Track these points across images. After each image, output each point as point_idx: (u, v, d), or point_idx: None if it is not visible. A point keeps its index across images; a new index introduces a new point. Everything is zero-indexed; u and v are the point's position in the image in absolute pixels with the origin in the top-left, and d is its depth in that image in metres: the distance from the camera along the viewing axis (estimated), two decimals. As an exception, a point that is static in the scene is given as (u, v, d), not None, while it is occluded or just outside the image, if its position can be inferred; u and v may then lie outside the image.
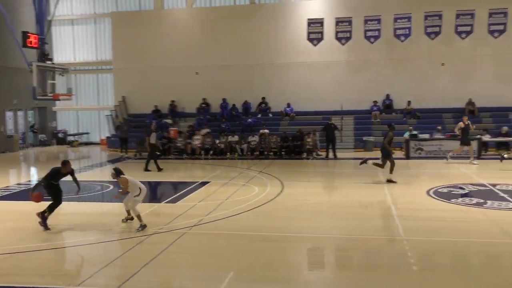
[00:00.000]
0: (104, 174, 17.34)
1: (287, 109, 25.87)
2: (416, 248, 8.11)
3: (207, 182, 14.91)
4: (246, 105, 26.41)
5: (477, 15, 22.60)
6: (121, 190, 9.54)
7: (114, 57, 28.37)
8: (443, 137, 20.57)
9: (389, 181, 14.10)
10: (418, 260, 7.49)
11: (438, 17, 23.03)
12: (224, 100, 26.60)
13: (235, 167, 17.67)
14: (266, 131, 22.73)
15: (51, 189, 9.54)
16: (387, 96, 25.33)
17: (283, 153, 21.60)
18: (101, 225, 9.86)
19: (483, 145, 20.09)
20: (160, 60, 27.19)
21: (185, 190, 13.62)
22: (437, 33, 23.23)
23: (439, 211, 10.62)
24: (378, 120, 24.48)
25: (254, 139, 22.09)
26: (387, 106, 25.26)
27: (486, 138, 20.40)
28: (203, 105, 26.91)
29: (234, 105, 26.33)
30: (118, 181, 9.57)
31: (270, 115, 26.18)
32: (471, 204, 11.06)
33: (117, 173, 9.58)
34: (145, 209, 10.46)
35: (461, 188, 13.07)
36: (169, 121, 25.87)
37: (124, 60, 27.73)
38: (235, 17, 26.82)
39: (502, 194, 12.05)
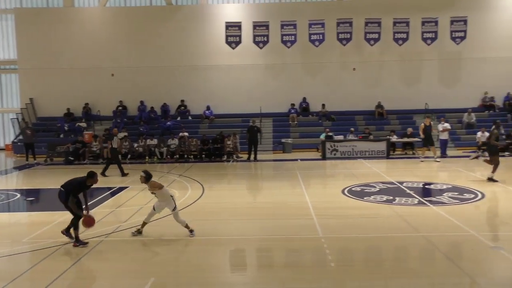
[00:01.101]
0: (9, 182, 16.10)
1: (207, 111, 25.79)
2: (334, 245, 8.44)
3: (126, 187, 14.43)
4: (165, 107, 25.94)
5: (383, 23, 24.14)
6: (174, 206, 8.86)
7: (18, 57, 26.47)
8: (356, 138, 21.67)
9: (490, 179, 13.89)
10: (335, 257, 7.82)
11: (349, 24, 24.28)
12: (142, 102, 25.92)
13: (155, 171, 17.23)
14: (186, 134, 22.49)
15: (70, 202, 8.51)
16: (304, 99, 26.17)
17: (203, 156, 21.49)
18: (8, 236, 9.13)
19: (391, 146, 21.44)
20: (72, 61, 25.86)
21: (101, 196, 13.05)
22: (348, 40, 24.47)
23: (353, 209, 11.16)
24: (296, 122, 25.21)
25: (173, 142, 21.75)
26: (304, 109, 26.11)
27: (394, 139, 21.80)
28: (120, 108, 26.01)
29: (152, 107, 25.75)
30: (149, 186, 8.90)
31: (190, 117, 25.94)
32: (381, 201, 11.73)
33: (148, 177, 8.90)
34: (56, 218, 9.88)
35: (372, 186, 13.82)
36: (83, 124, 24.68)
37: (31, 60, 25.99)
38: (152, 18, 26.25)
39: (408, 191, 12.93)
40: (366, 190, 13.22)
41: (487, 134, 20.96)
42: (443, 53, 25.16)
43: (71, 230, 8.44)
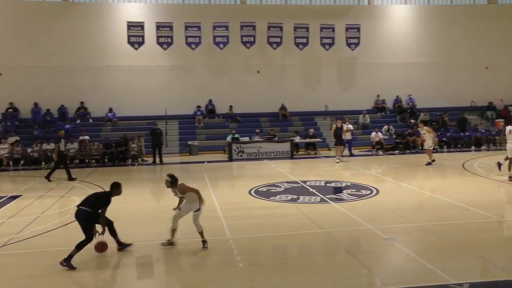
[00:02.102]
0: None
1: (109, 114, 24.76)
2: (242, 245, 8.56)
3: (19, 196, 13.34)
4: (62, 109, 24.43)
5: (285, 28, 25.00)
6: (199, 196, 8.24)
7: None
8: (261, 139, 22.16)
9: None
10: (244, 257, 7.93)
11: (252, 27, 24.79)
12: (36, 104, 24.16)
13: (52, 177, 16.17)
14: (87, 137, 21.40)
15: (91, 221, 7.69)
16: (210, 101, 26.20)
17: (106, 160, 20.58)
18: None
19: (295, 146, 22.26)
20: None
21: (-10, 207, 11.94)
22: (252, 43, 24.98)
23: (260, 209, 11.40)
24: (202, 124, 25.16)
25: (73, 146, 20.56)
26: (210, 111, 26.14)
27: (297, 139, 22.66)
28: (10, 110, 24.00)
29: (48, 110, 24.11)
30: (176, 190, 8.31)
31: (91, 120, 24.71)
32: (287, 201, 12.12)
33: (174, 180, 8.26)
34: None
35: (278, 186, 14.23)
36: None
37: None
38: (45, 14, 24.65)
39: (311, 190, 13.51)
40: (272, 190, 13.57)
41: (380, 134, 22.69)
42: (340, 58, 26.69)
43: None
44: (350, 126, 21.71)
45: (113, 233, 8.22)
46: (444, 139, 23.15)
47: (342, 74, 27.07)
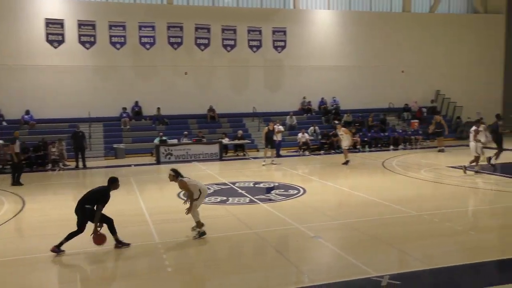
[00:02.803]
0: None
1: (26, 116, 23.29)
2: (171, 249, 8.42)
3: None
4: (-28, 112, 22.62)
5: (212, 30, 24.96)
6: (189, 199, 8.71)
7: None
8: (190, 141, 21.95)
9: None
10: (173, 261, 7.80)
11: (179, 28, 24.49)
12: None
13: (-39, 185, 14.94)
14: (0, 141, 19.94)
15: (88, 215, 8.04)
16: (136, 103, 25.50)
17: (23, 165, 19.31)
18: None
19: (224, 148, 22.28)
20: None
21: None
22: (179, 44, 24.67)
23: (189, 212, 11.27)
24: (128, 127, 24.43)
25: (-15, 151, 19.10)
26: (137, 112, 25.45)
27: (226, 141, 22.70)
28: None
29: (-45, 112, 22.21)
30: (179, 184, 8.69)
31: (5, 123, 23.09)
32: (216, 202, 12.11)
33: (177, 174, 8.69)
34: None
35: (207, 188, 14.15)
36: None
37: None
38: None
39: (240, 191, 13.60)
40: (201, 192, 13.45)
41: (306, 135, 23.33)
42: (267, 61, 27.12)
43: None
44: (281, 128, 22.13)
45: (112, 230, 8.31)
46: (365, 139, 24.29)
47: (269, 76, 27.51)
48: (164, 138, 21.79)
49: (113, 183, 8.35)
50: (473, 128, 16.12)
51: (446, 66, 29.92)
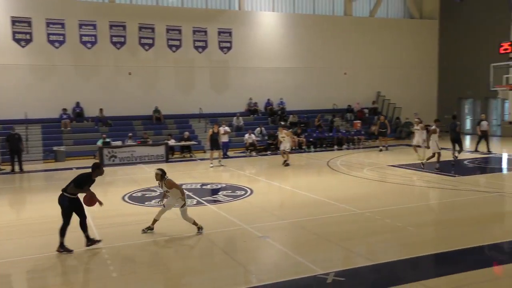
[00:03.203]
0: None
1: (-44, 118, 21.85)
2: (116, 254, 8.20)
3: None
4: None
5: (157, 29, 24.57)
6: (181, 193, 8.88)
7: None
8: (134, 143, 21.47)
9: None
10: (118, 266, 7.60)
11: (122, 27, 23.91)
12: None
13: None
14: None
15: (73, 207, 8.11)
16: (77, 103, 24.60)
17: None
18: None
19: (170, 149, 21.97)
20: None
21: None
22: (122, 43, 24.08)
23: (135, 215, 11.04)
24: (69, 128, 23.53)
25: None
26: (78, 114, 24.55)
27: (172, 142, 22.39)
28: None
29: None
30: (162, 183, 8.85)
31: None
32: (162, 205, 11.89)
33: (164, 174, 8.89)
34: None
35: (153, 190, 13.91)
36: None
37: None
38: None
39: (188, 193, 13.42)
40: (147, 195, 13.24)
41: (253, 136, 23.48)
42: (213, 61, 27.02)
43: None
44: (227, 129, 22.11)
45: (83, 228, 8.31)
46: (311, 139, 24.79)
47: (215, 77, 27.43)
48: (107, 140, 21.17)
49: (96, 169, 8.39)
50: (433, 127, 17.10)
51: (386, 69, 31.13)
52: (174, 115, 26.15)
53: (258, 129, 24.98)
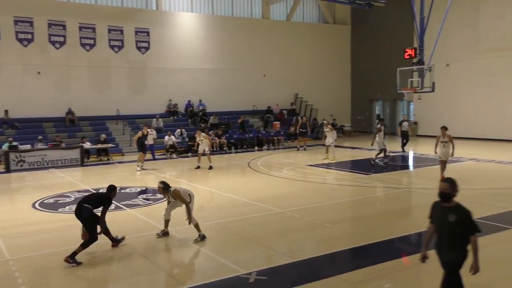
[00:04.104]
0: None
1: None
2: (25, 266, 7.66)
3: None
4: None
5: (69, 27, 23.35)
6: (186, 209, 8.62)
7: None
8: (46, 147, 20.22)
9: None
10: (27, 279, 7.11)
11: (29, 23, 22.44)
12: None
13: None
14: None
15: (94, 221, 7.97)
16: (-21, 105, 22.67)
17: None
18: None
19: (86, 153, 20.97)
20: None
21: None
22: (29, 40, 22.61)
23: (47, 223, 10.40)
24: (-31, 132, 21.60)
25: None
26: (-21, 116, 22.63)
27: (87, 145, 21.39)
28: None
29: None
30: (168, 195, 8.76)
31: None
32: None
33: (166, 186, 8.75)
34: None
35: (67, 196, 13.21)
36: None
37: None
38: None
39: (105, 197, 12.93)
40: (60, 201, 12.55)
41: (173, 138, 23.14)
42: (130, 62, 26.21)
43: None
44: (154, 131, 21.69)
45: (106, 231, 8.26)
46: (232, 140, 24.92)
47: (133, 78, 26.62)
48: (14, 143, 19.72)
49: (112, 190, 8.38)
50: (378, 126, 18.55)
51: (304, 71, 32.16)
52: (90, 117, 24.99)
53: (178, 130, 24.64)
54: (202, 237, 8.70)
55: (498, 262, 7.41)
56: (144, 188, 14.37)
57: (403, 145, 21.73)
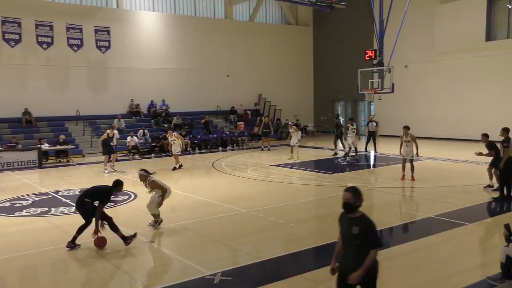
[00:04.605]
0: None
1: None
2: (-20, 273, 7.36)
3: None
4: None
5: (24, 24, 22.56)
6: (159, 196, 9.35)
7: None
8: (1, 148, 19.48)
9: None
10: (-16, 286, 6.83)
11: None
12: None
13: None
14: None
15: (87, 209, 8.16)
16: None
17: None
18: None
19: (44, 154, 20.33)
20: None
21: None
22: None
23: (3, 227, 10.02)
24: None
25: None
26: None
27: (46, 147, 20.75)
28: None
29: None
30: (146, 183, 9.26)
31: None
32: (36, 214, 11.00)
33: (148, 173, 9.30)
34: None
35: (24, 199, 12.78)
36: None
37: None
38: None
39: (65, 200, 12.61)
40: (17, 205, 12.12)
41: (136, 138, 22.77)
42: (90, 61, 25.58)
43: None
44: (116, 132, 21.14)
45: (114, 228, 8.30)
46: (195, 141, 24.76)
47: (93, 78, 25.99)
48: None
49: (117, 185, 8.48)
50: (347, 125, 19.67)
51: (267, 72, 32.34)
52: (48, 118, 24.20)
53: (141, 131, 24.26)
54: (159, 223, 9.56)
55: (448, 259, 7.70)
56: (105, 190, 14.05)
57: (370, 145, 22.02)
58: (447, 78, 26.53)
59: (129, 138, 22.56)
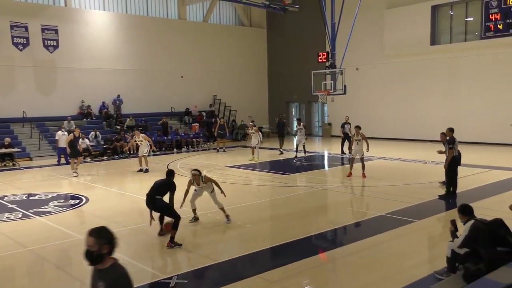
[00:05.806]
0: None
1: None
2: None
3: None
4: None
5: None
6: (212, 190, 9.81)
7: None
8: None
9: None
10: None
11: None
12: None
13: None
14: None
15: (169, 206, 8.61)
16: None
17: None
18: None
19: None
20: None
21: None
22: None
23: None
24: None
25: None
26: None
27: (-11, 150, 19.75)
28: None
29: None
30: (200, 180, 9.63)
31: None
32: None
33: (200, 173, 9.66)
34: None
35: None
36: None
37: None
38: None
39: (11, 205, 12.06)
40: (-42, 212, 11.46)
41: (87, 141, 22.09)
42: (37, 61, 24.57)
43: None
44: (66, 134, 20.40)
45: (161, 219, 8.96)
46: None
47: (41, 78, 24.98)
48: None
49: (171, 175, 8.99)
50: (298, 126, 20.79)
51: (222, 73, 32.27)
52: (-9, 120, 23.10)
53: (93, 133, 23.57)
54: (228, 217, 9.94)
55: (398, 255, 7.98)
56: (55, 194, 13.56)
57: (346, 147, 21.41)
58: (395, 80, 27.47)
59: (80, 140, 21.82)
